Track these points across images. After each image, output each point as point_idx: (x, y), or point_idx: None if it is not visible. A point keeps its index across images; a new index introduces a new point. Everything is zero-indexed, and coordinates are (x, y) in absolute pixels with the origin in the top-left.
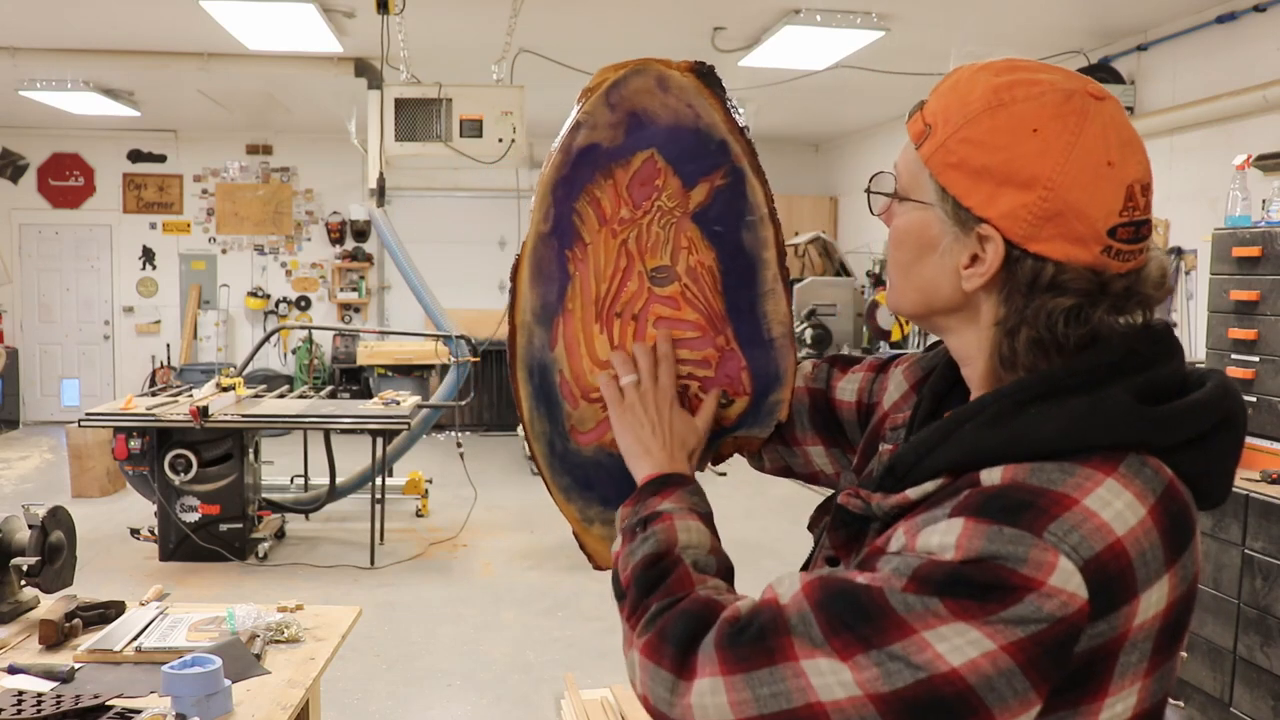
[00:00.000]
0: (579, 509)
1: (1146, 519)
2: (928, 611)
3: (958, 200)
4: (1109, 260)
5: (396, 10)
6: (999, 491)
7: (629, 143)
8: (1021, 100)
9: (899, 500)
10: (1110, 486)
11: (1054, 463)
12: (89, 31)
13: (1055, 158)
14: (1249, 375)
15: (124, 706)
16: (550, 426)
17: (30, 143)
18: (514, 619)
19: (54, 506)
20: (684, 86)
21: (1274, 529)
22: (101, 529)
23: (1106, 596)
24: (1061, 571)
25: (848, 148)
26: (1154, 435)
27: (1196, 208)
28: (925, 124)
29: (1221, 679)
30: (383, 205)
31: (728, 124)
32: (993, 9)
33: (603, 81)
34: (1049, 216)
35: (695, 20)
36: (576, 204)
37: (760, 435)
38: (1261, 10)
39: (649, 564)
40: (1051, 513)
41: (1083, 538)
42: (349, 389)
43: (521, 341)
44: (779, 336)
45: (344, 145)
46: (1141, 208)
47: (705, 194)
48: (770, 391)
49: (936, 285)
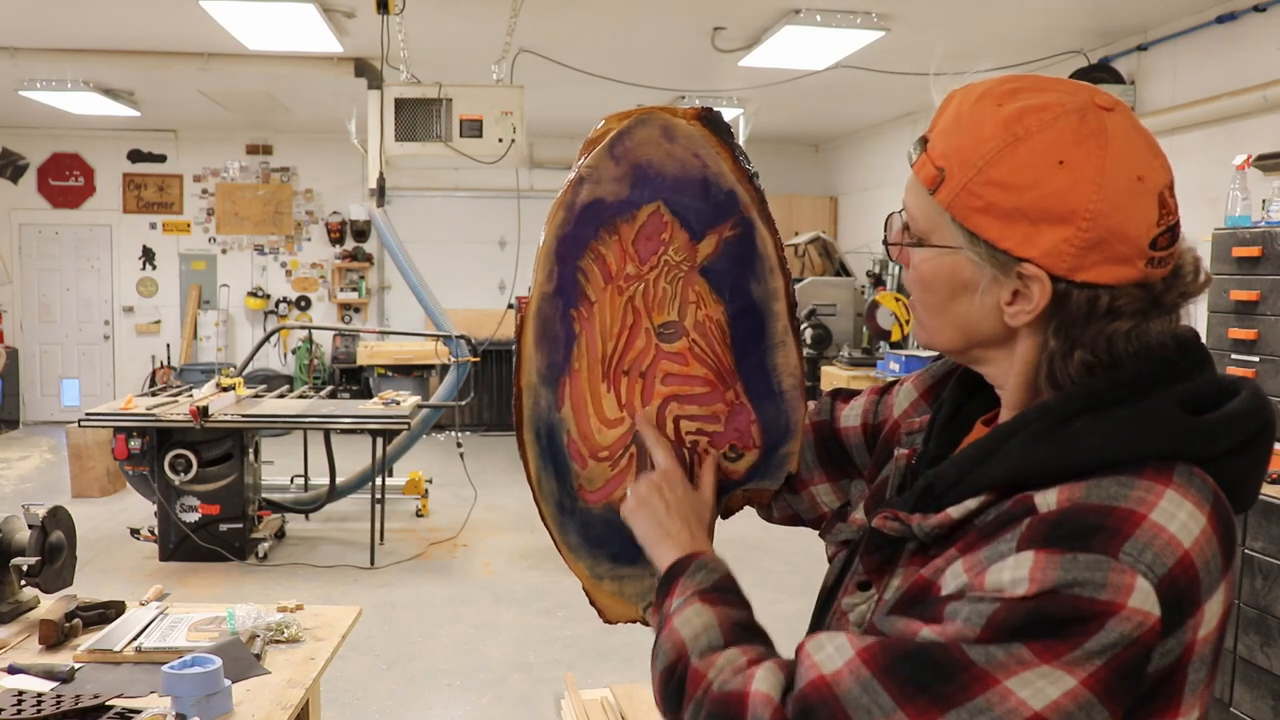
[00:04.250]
0: (588, 566)
1: (1207, 527)
2: (1011, 658)
3: (992, 244)
4: (1153, 270)
5: (396, 10)
6: (1061, 516)
7: (634, 196)
8: (1037, 131)
9: (941, 520)
10: (1171, 498)
11: (1109, 476)
12: (89, 31)
13: (1088, 187)
14: (1249, 375)
15: (124, 706)
16: (559, 486)
17: (30, 143)
18: (514, 619)
19: (54, 506)
20: (691, 135)
21: (1274, 529)
22: (101, 529)
23: (1176, 611)
24: (1139, 592)
25: (848, 148)
26: (1201, 444)
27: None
28: (936, 168)
29: (1221, 679)
30: (383, 205)
31: (736, 172)
32: (992, 9)
33: (606, 132)
34: (1092, 245)
35: (695, 20)
36: (581, 262)
37: (770, 488)
38: (1261, 10)
39: (665, 680)
40: (1124, 531)
41: (1156, 555)
42: (349, 389)
43: (528, 403)
44: (789, 389)
45: (344, 145)
46: (1173, 209)
47: (713, 246)
48: (781, 444)
49: (977, 323)
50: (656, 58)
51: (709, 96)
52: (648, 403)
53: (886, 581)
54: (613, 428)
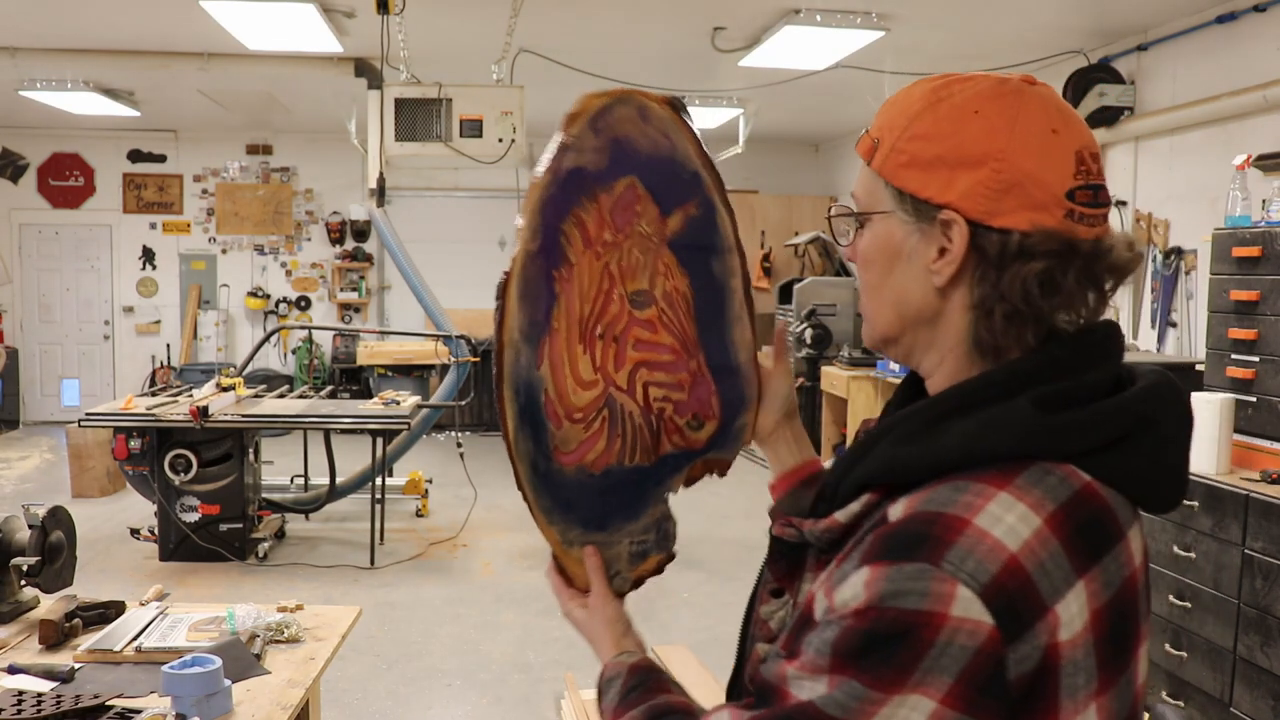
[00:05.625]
0: (560, 531)
1: (1043, 529)
2: (865, 702)
3: (915, 195)
4: (1074, 225)
5: (396, 10)
6: (898, 528)
7: (612, 168)
8: (958, 93)
9: (829, 524)
10: (1001, 501)
11: (948, 482)
12: (89, 31)
13: (1000, 132)
14: (1249, 375)
15: (124, 706)
16: (534, 447)
17: (30, 143)
18: (514, 619)
19: (54, 506)
20: (662, 118)
21: (1274, 529)
22: (101, 529)
23: (1013, 616)
24: (961, 600)
25: (848, 148)
26: (1051, 443)
27: (1196, 208)
28: (873, 140)
29: (1221, 679)
30: (383, 205)
31: (700, 157)
32: (992, 9)
33: (588, 108)
34: (1006, 188)
35: (695, 20)
36: (563, 225)
37: (728, 458)
38: (1261, 10)
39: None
40: (946, 540)
41: (979, 562)
42: (349, 389)
43: (509, 359)
44: (744, 363)
45: (344, 145)
46: (1094, 173)
47: (680, 222)
48: (737, 416)
49: (907, 293)
50: (656, 58)
51: (709, 96)
52: (620, 367)
53: (798, 586)
54: (587, 389)
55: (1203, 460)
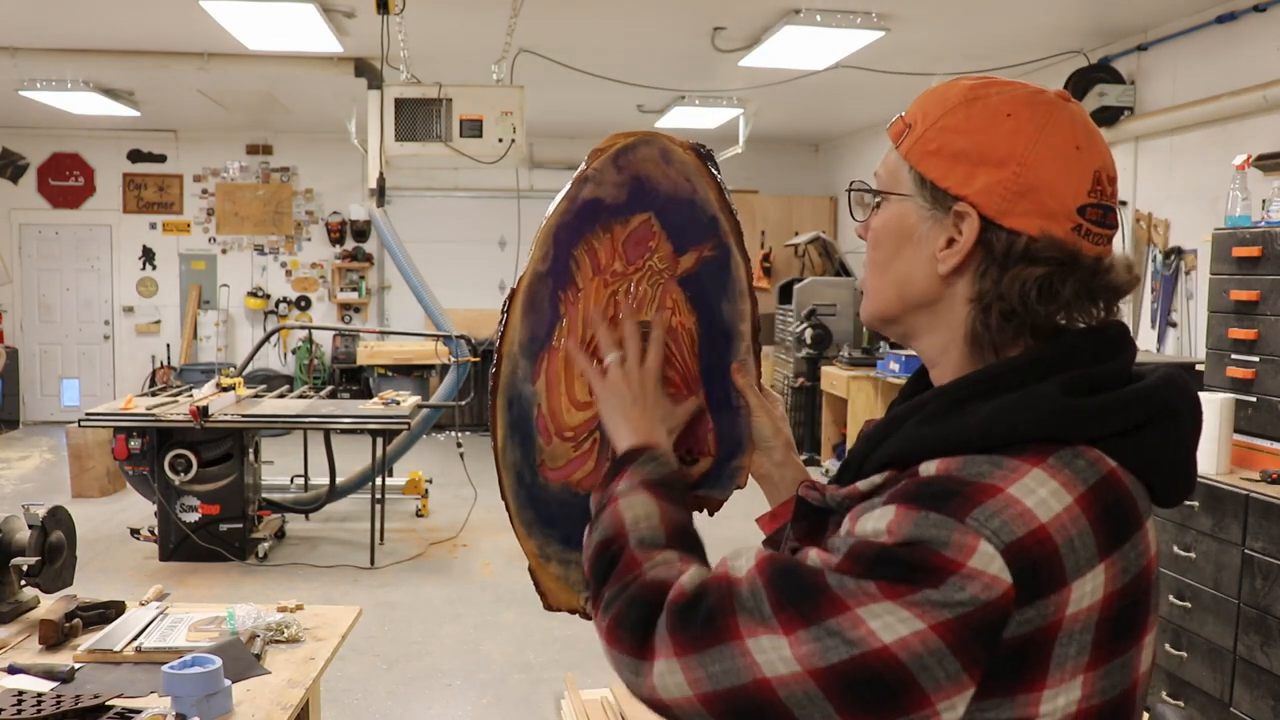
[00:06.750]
0: (538, 545)
1: (1074, 506)
2: (860, 590)
3: (935, 183)
4: (1080, 239)
5: (396, 10)
6: (931, 480)
7: (630, 203)
8: (995, 95)
9: (849, 492)
10: (1036, 476)
11: (985, 455)
12: (89, 31)
13: (1027, 138)
14: (1249, 375)
15: (124, 706)
16: (521, 458)
17: (30, 143)
18: (514, 619)
19: (54, 506)
20: (685, 162)
21: (1274, 529)
22: (101, 529)
23: (1032, 581)
24: (981, 555)
25: (848, 148)
26: (1079, 426)
27: (1196, 208)
28: (905, 124)
29: (1221, 679)
30: (383, 205)
31: (720, 203)
32: (992, 9)
33: (613, 144)
34: (1023, 191)
35: (695, 20)
36: (575, 250)
37: (720, 498)
38: (1261, 10)
39: (599, 552)
40: (975, 499)
41: (1004, 523)
42: (349, 389)
43: (505, 371)
44: (745, 406)
45: (344, 145)
46: (1108, 195)
47: (693, 261)
48: (733, 456)
49: (911, 276)
50: (656, 58)
51: (709, 96)
52: None
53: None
54: (581, 410)
55: (1203, 460)
